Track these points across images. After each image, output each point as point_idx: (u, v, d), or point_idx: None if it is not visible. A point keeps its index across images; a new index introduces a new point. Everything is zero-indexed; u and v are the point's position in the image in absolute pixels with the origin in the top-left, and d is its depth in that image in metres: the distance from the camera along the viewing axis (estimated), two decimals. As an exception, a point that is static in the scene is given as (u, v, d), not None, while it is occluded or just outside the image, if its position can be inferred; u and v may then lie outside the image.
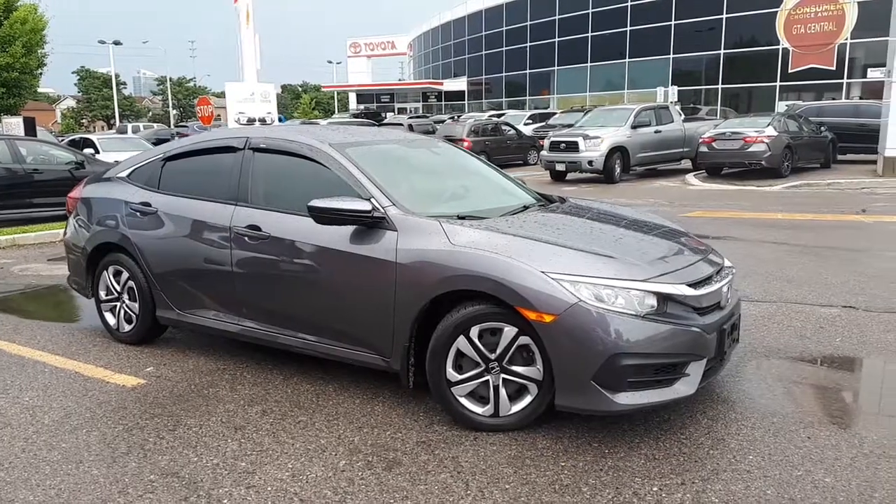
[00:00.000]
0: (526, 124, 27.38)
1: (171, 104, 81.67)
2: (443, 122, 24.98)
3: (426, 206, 3.78)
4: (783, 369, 4.17)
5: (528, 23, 43.59)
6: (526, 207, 4.20)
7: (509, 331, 3.25)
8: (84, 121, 78.98)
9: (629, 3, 37.94)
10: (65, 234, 5.32)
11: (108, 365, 4.50)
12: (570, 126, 19.03)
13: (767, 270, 6.69)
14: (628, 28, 38.33)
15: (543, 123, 26.95)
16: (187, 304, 4.48)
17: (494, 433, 3.36)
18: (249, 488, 2.90)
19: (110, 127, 58.10)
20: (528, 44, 43.93)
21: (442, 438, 3.34)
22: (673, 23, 36.40)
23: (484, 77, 48.76)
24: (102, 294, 4.99)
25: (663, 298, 3.21)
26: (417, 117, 31.31)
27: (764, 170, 15.43)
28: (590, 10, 39.97)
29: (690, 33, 35.89)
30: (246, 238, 4.06)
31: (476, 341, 3.32)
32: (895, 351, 4.41)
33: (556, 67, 42.48)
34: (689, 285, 3.31)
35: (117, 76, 72.46)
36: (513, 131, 23.33)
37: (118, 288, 4.85)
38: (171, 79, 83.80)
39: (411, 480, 2.94)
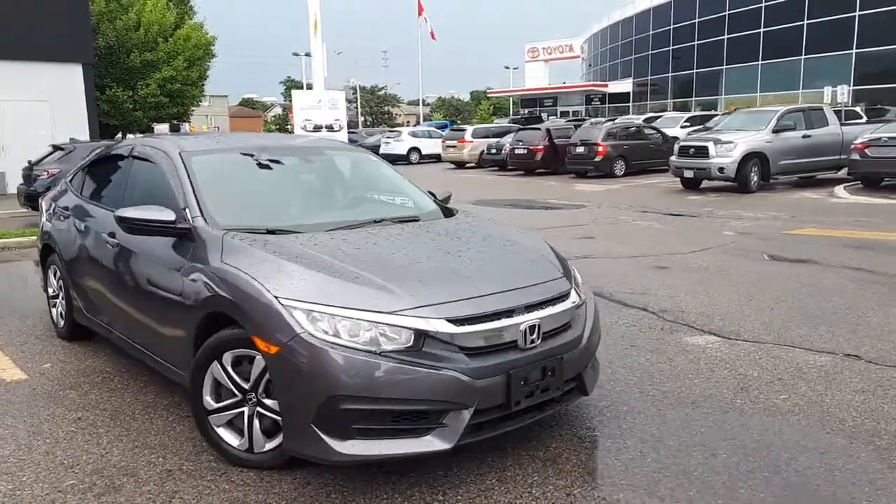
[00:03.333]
0: (683, 127, 25.87)
1: (358, 112, 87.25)
2: (579, 124, 24.29)
3: (249, 220, 3.62)
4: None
5: (697, 20, 40.99)
6: (403, 220, 3.97)
7: (260, 360, 3.00)
8: (289, 126, 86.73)
9: (808, -6, 34.41)
10: None
11: (16, 358, 4.86)
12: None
13: (801, 304, 5.86)
14: (805, 21, 34.67)
15: (702, 126, 25.29)
16: (90, 308, 4.67)
17: (247, 470, 3.13)
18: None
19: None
20: (696, 42, 41.34)
21: (193, 469, 3.17)
22: (858, 13, 32.38)
23: (649, 78, 46.65)
24: (50, 290, 5.42)
25: (420, 335, 2.85)
26: (574, 120, 30.74)
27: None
28: (763, 4, 36.70)
29: (877, 24, 31.69)
30: (108, 245, 4.20)
31: (229, 368, 3.12)
32: None
33: (724, 66, 39.53)
34: (452, 321, 2.89)
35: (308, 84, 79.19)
36: (657, 135, 22.19)
37: (56, 286, 5.25)
38: (363, 87, 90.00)
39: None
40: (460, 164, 28.02)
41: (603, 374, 4.31)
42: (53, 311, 5.44)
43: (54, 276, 5.32)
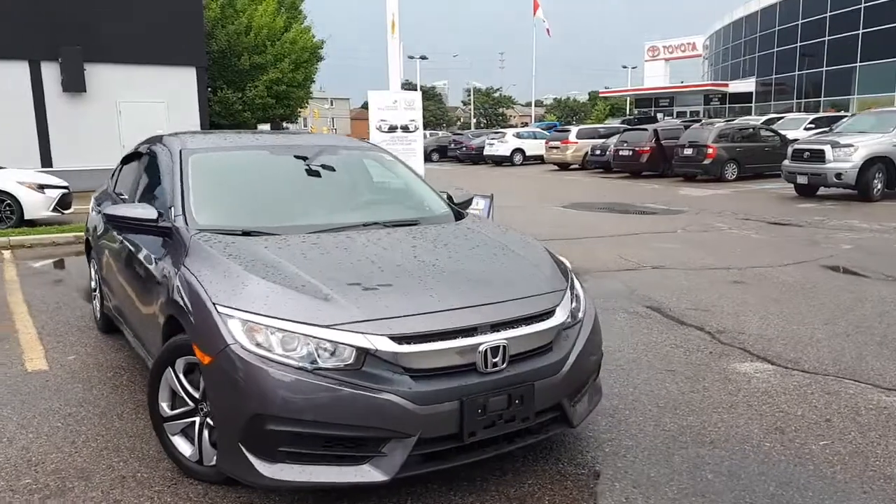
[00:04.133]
0: (807, 129, 23.91)
1: (472, 114, 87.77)
2: (689, 125, 22.95)
3: (230, 220, 3.51)
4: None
5: (828, 13, 37.79)
6: (399, 224, 3.72)
7: None
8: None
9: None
10: None
11: (49, 348, 4.97)
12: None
13: (886, 332, 5.05)
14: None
15: (828, 128, 23.29)
16: (110, 301, 4.72)
17: (197, 483, 2.97)
18: None
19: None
20: (827, 38, 38.13)
21: (146, 478, 3.06)
22: None
23: (774, 77, 43.57)
24: (91, 283, 5.55)
25: (362, 352, 2.58)
26: (689, 121, 29.27)
27: None
28: (903, -5, 33.29)
29: None
30: (117, 240, 4.23)
31: (181, 375, 2.98)
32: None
33: (858, 63, 36.18)
34: (395, 338, 2.60)
35: (429, 87, 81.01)
36: (775, 137, 20.60)
37: (94, 279, 5.36)
38: (479, 89, 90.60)
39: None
40: (563, 166, 27.33)
41: (622, 400, 3.87)
42: (94, 303, 5.60)
43: (92, 269, 5.48)
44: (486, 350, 2.71)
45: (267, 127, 22.34)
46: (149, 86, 19.33)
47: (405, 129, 9.63)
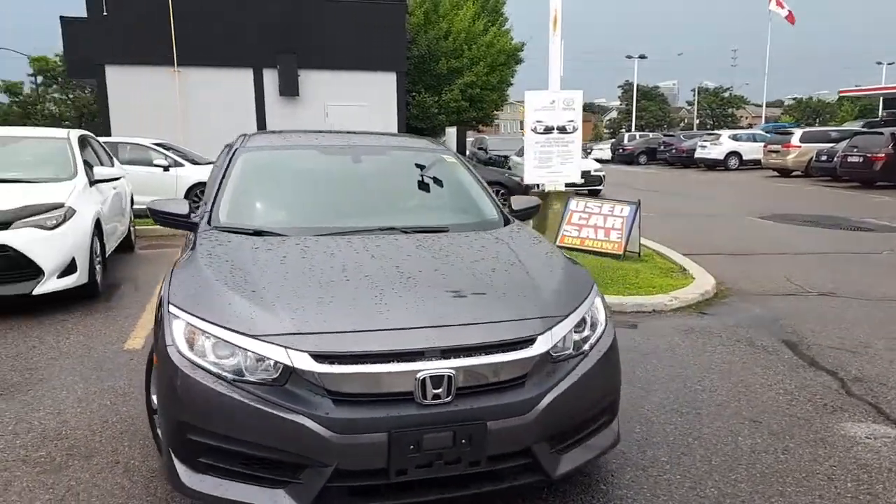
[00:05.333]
0: None
1: (695, 114, 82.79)
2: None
3: (250, 219, 3.53)
4: None
5: None
6: (421, 230, 3.44)
7: None
8: (622, 129, 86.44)
9: None
10: None
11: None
12: None
13: None
14: None
15: None
16: None
17: (157, 478, 3.04)
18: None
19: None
20: None
21: (137, 468, 3.14)
22: None
23: None
24: None
25: (288, 368, 2.37)
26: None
27: None
28: None
29: None
30: None
31: None
32: None
33: None
34: (316, 356, 2.35)
35: (650, 87, 77.91)
36: None
37: None
38: (706, 88, 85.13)
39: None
40: (784, 172, 24.54)
41: (668, 452, 3.26)
42: None
43: None
44: (425, 378, 2.38)
45: (451, 130, 22.82)
46: (353, 90, 20.69)
47: (562, 129, 9.14)
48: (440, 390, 2.39)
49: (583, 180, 12.46)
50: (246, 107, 19.96)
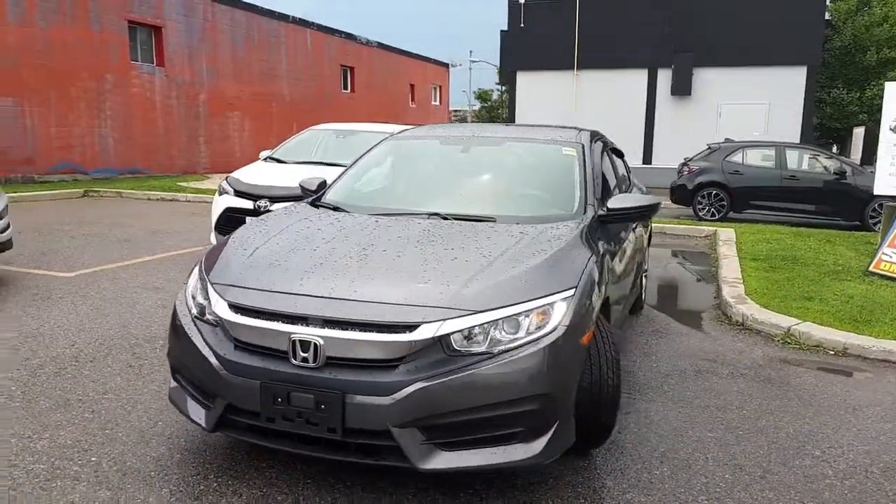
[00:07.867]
0: None
1: None
2: None
3: (346, 198, 3.95)
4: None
5: None
6: (466, 219, 3.46)
7: None
8: None
9: None
10: None
11: None
12: None
13: None
14: None
15: None
16: None
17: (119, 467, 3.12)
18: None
19: None
20: None
21: (99, 443, 3.17)
22: None
23: None
24: None
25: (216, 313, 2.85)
26: None
27: None
28: None
29: None
30: None
31: None
32: None
33: None
34: (232, 306, 2.77)
35: None
36: None
37: None
38: None
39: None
40: None
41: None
42: None
43: None
44: (296, 341, 2.60)
45: (860, 131, 19.14)
46: (751, 88, 19.54)
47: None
48: (307, 354, 2.58)
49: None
50: (635, 107, 20.51)
